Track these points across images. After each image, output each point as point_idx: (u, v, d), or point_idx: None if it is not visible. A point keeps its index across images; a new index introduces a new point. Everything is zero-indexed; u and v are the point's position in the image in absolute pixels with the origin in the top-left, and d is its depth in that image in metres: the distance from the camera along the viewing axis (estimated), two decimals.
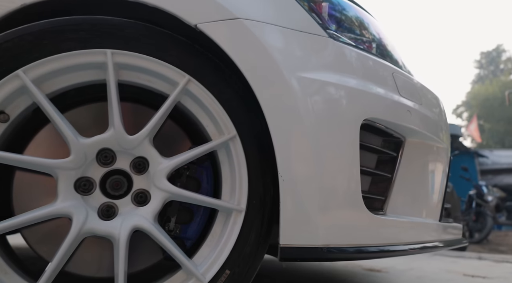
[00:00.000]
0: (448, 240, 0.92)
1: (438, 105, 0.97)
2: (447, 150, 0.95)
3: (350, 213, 0.67)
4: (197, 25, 0.69)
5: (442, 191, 0.92)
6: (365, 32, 0.87)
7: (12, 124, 0.64)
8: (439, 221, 0.89)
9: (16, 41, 0.63)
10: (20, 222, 0.60)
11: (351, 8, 0.89)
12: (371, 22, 0.92)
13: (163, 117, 0.70)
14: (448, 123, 1.04)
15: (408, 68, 0.97)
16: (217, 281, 0.66)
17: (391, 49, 0.93)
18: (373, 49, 0.85)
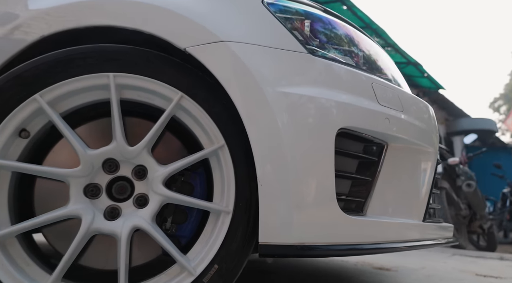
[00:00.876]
0: (434, 238, 0.96)
1: (424, 112, 1.02)
2: (433, 153, 0.99)
3: (323, 214, 0.74)
4: (186, 49, 0.78)
5: (427, 193, 0.96)
6: (347, 46, 0.93)
7: (32, 139, 0.76)
8: (423, 221, 0.94)
9: (34, 70, 0.74)
10: (40, 222, 0.72)
11: (334, 23, 0.95)
12: (355, 35, 0.98)
13: (159, 130, 0.80)
14: (437, 129, 1.08)
15: (394, 77, 1.02)
16: (206, 274, 0.75)
17: (374, 60, 0.99)
18: (354, 62, 0.91)
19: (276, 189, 0.72)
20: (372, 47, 1.03)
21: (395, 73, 1.07)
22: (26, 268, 0.71)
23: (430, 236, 0.95)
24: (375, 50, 1.04)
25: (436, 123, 1.10)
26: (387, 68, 1.03)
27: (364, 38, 1.03)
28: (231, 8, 0.86)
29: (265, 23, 0.85)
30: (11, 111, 0.72)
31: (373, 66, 0.97)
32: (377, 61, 1.00)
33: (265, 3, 0.88)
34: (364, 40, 1.01)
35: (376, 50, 1.05)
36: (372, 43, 1.06)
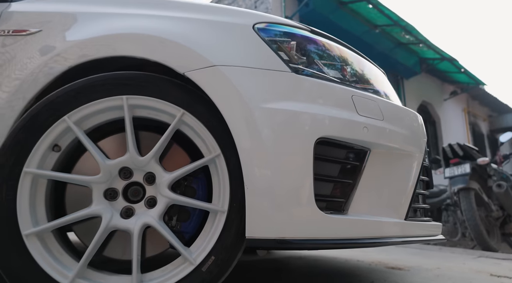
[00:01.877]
0: (417, 235, 1.04)
1: (409, 119, 1.09)
2: (417, 157, 1.07)
3: (301, 213, 0.85)
4: (184, 73, 0.92)
5: (410, 194, 1.04)
6: (330, 63, 1.04)
7: (63, 152, 0.94)
8: (405, 220, 1.02)
9: (63, 96, 0.92)
10: (69, 219, 0.89)
11: (319, 43, 1.06)
12: (339, 52, 1.08)
13: (165, 142, 0.95)
14: (424, 134, 1.15)
15: (379, 89, 1.11)
16: (205, 264, 0.89)
17: (357, 74, 1.08)
18: (336, 77, 1.01)
19: (259, 192, 0.84)
20: (356, 62, 1.12)
21: (381, 85, 1.16)
22: (59, 256, 0.88)
23: (413, 233, 1.03)
24: (360, 64, 1.13)
25: (424, 129, 1.17)
26: (372, 80, 1.11)
27: (350, 54, 1.12)
28: (225, 34, 0.99)
29: (254, 47, 0.97)
30: (46, 130, 0.90)
31: (356, 79, 1.06)
32: (360, 74, 1.09)
33: (255, 28, 1.00)
34: (349, 56, 1.11)
35: (361, 64, 1.14)
36: (358, 58, 1.15)
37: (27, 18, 1.13)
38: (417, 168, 1.07)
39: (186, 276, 0.88)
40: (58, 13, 1.12)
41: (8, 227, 0.84)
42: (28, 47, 1.08)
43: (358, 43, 6.51)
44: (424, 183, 1.23)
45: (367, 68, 1.16)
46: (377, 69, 1.24)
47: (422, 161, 1.11)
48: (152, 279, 0.89)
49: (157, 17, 1.04)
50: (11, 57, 1.07)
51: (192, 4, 1.11)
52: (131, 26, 1.01)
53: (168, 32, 0.97)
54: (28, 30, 1.11)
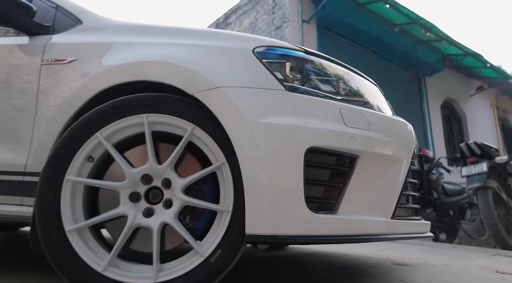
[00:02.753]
0: (403, 233, 1.16)
1: (396, 128, 1.21)
2: (403, 162, 1.19)
3: (293, 213, 0.99)
4: (193, 94, 1.09)
5: (396, 196, 1.16)
6: (321, 80, 1.17)
7: (96, 163, 1.13)
8: (391, 218, 1.14)
9: (96, 116, 1.11)
10: (102, 218, 1.08)
11: (311, 62, 1.20)
12: (330, 70, 1.22)
13: (179, 152, 1.12)
14: (412, 141, 1.26)
15: (369, 101, 1.23)
16: (213, 256, 1.05)
17: (347, 89, 1.21)
18: (327, 92, 1.15)
19: (257, 194, 0.99)
20: (347, 77, 1.25)
21: (371, 97, 1.28)
22: (94, 248, 1.07)
23: (399, 231, 1.15)
24: (350, 79, 1.26)
25: (413, 136, 1.28)
26: (361, 94, 1.24)
27: (340, 71, 1.25)
28: (229, 58, 1.15)
29: (253, 68, 1.12)
30: (82, 145, 1.09)
31: (345, 94, 1.19)
32: (350, 89, 1.22)
33: (255, 52, 1.16)
34: (340, 72, 1.24)
35: (352, 79, 1.27)
36: (349, 74, 1.28)
37: (65, 48, 1.34)
38: (404, 171, 1.19)
39: (197, 266, 1.04)
40: (90, 44, 1.32)
41: (55, 224, 1.04)
42: (67, 73, 1.29)
43: (377, 43, 6.52)
44: (415, 185, 1.34)
45: (357, 82, 1.28)
46: (369, 83, 1.36)
47: (410, 165, 1.22)
48: (169, 268, 1.06)
49: (171, 45, 1.22)
50: (55, 82, 1.29)
51: (202, 31, 1.28)
52: (150, 54, 1.19)
53: (181, 59, 1.14)
54: (66, 59, 1.32)
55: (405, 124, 1.27)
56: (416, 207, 1.30)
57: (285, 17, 5.53)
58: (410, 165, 1.23)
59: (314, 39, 5.74)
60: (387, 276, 1.64)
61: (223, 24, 7.22)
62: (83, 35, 1.38)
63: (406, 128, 1.27)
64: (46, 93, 1.30)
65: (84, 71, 1.25)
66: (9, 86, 1.37)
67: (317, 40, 5.77)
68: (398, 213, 1.19)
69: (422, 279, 1.59)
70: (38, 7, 1.54)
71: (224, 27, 7.16)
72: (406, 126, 1.28)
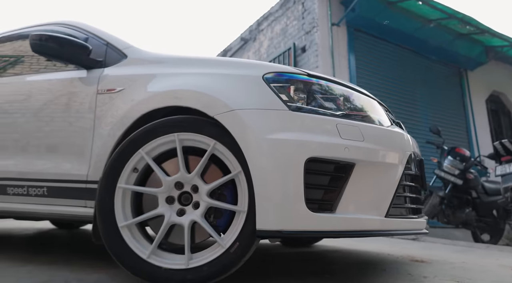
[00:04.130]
0: (396, 229, 1.33)
1: (388, 137, 1.38)
2: (397, 166, 1.36)
3: (295, 212, 1.20)
4: (214, 116, 1.34)
5: (390, 197, 1.33)
6: (321, 99, 1.37)
7: (140, 173, 1.42)
8: (385, 217, 1.31)
9: (139, 136, 1.40)
10: (145, 217, 1.36)
11: (312, 83, 1.40)
12: (329, 89, 1.41)
13: (204, 163, 1.37)
14: (407, 148, 1.42)
15: (365, 115, 1.41)
16: (232, 248, 1.29)
17: (345, 106, 1.40)
18: (325, 110, 1.35)
19: (264, 197, 1.22)
20: (345, 95, 1.44)
21: (368, 111, 1.46)
22: (140, 241, 1.36)
23: (393, 228, 1.32)
24: (348, 96, 1.45)
25: (409, 144, 1.44)
26: (358, 109, 1.43)
27: (338, 89, 1.44)
28: (242, 84, 1.39)
29: (262, 92, 1.35)
30: (129, 159, 1.39)
31: (342, 110, 1.38)
32: (346, 105, 1.41)
33: (264, 78, 1.39)
34: (338, 91, 1.43)
35: (349, 96, 1.45)
36: (347, 91, 1.47)
37: (114, 80, 1.66)
38: (398, 176, 1.36)
39: (219, 255, 1.29)
40: (133, 75, 1.62)
41: (110, 222, 1.34)
42: (117, 100, 1.60)
43: (411, 40, 6.44)
44: (413, 187, 1.50)
45: (356, 99, 1.47)
46: (367, 98, 1.54)
47: (404, 170, 1.39)
48: (197, 257, 1.32)
49: (196, 75, 1.48)
50: (108, 107, 1.61)
51: (222, 61, 1.54)
52: (179, 84, 1.46)
53: (204, 87, 1.40)
54: (116, 89, 1.64)
55: (399, 134, 1.44)
56: (413, 206, 1.45)
57: (314, 22, 5.67)
58: (404, 169, 1.40)
59: (345, 41, 5.82)
60: (397, 269, 1.79)
61: (255, 31, 7.49)
62: (128, 68, 1.69)
63: (400, 138, 1.43)
64: (102, 116, 1.63)
65: (130, 98, 1.56)
66: (72, 111, 1.72)
67: (347, 42, 5.85)
68: (394, 212, 1.36)
69: (429, 273, 1.72)
70: (93, 45, 1.88)
71: (257, 33, 7.43)
72: (400, 135, 1.44)
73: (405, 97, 6.48)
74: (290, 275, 1.59)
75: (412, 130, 6.34)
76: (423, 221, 1.43)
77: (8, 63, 2.37)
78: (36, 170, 1.75)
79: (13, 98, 1.96)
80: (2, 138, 1.91)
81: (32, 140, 1.81)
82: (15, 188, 1.81)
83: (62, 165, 1.69)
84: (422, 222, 1.43)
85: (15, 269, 1.58)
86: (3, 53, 2.46)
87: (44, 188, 1.72)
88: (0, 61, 2.45)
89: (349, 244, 3.00)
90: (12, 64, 2.34)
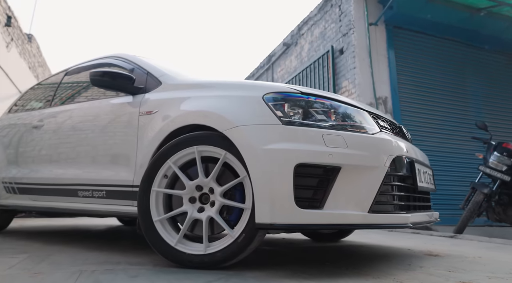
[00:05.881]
0: (379, 223, 1.53)
1: (370, 144, 1.59)
2: (379, 168, 1.56)
3: (285, 209, 1.47)
4: (222, 131, 1.66)
5: (373, 195, 1.53)
6: (311, 113, 1.62)
7: (169, 178, 1.79)
8: (368, 212, 1.52)
9: (168, 149, 1.77)
10: (173, 213, 1.73)
11: (303, 100, 1.65)
12: (319, 104, 1.66)
13: (218, 169, 1.70)
14: (391, 151, 1.61)
15: (349, 123, 1.63)
16: (240, 238, 1.59)
17: (332, 117, 1.63)
18: (315, 121, 1.59)
19: (261, 197, 1.51)
20: (333, 108, 1.67)
21: (354, 120, 1.67)
22: (169, 232, 1.72)
23: (375, 222, 1.52)
24: (336, 109, 1.67)
25: (391, 148, 1.63)
26: (344, 119, 1.65)
27: (327, 104, 1.68)
28: (245, 104, 1.69)
29: (261, 110, 1.64)
30: (160, 168, 1.77)
31: (329, 121, 1.62)
32: (334, 117, 1.64)
33: (264, 98, 1.68)
34: (327, 105, 1.67)
35: (337, 108, 1.68)
36: (335, 105, 1.69)
37: (152, 103, 2.06)
38: (380, 177, 1.56)
39: (230, 244, 1.61)
40: (165, 99, 2.01)
41: (147, 217, 1.73)
42: (154, 119, 2.00)
43: (458, 32, 6.20)
44: (401, 186, 1.68)
45: (342, 110, 1.69)
46: (354, 109, 1.74)
47: (389, 172, 1.58)
48: (213, 245, 1.64)
49: (212, 97, 1.82)
50: (148, 125, 2.01)
51: (233, 84, 1.85)
52: (197, 106, 1.81)
53: (215, 108, 1.73)
54: (153, 111, 2.04)
55: (382, 140, 1.62)
56: (400, 203, 1.63)
57: (350, 24, 5.74)
58: (391, 171, 1.59)
59: (383, 40, 5.80)
60: (403, 261, 1.95)
61: (296, 35, 7.70)
62: (161, 93, 2.09)
63: (383, 143, 1.62)
64: (143, 133, 2.04)
65: (161, 119, 1.94)
66: (122, 129, 2.16)
67: (386, 41, 5.82)
68: (378, 208, 1.57)
69: (431, 264, 1.86)
70: (136, 74, 2.32)
71: (298, 38, 7.63)
72: (383, 141, 1.63)
73: (452, 91, 6.24)
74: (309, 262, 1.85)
75: (460, 125, 6.10)
76: (406, 216, 1.61)
77: (82, 88, 2.94)
78: (97, 177, 2.22)
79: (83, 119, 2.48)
80: (76, 152, 2.44)
81: (94, 153, 2.30)
82: (83, 192, 2.31)
83: (116, 172, 2.14)
84: (405, 217, 1.60)
85: (85, 253, 2.05)
86: (77, 80, 3.05)
87: (104, 191, 2.18)
88: (76, 88, 3.04)
89: (381, 240, 3.13)
90: (85, 88, 2.91)
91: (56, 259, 1.88)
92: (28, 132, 3.04)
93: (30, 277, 1.43)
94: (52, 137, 2.72)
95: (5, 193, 3.10)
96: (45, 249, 2.26)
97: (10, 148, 3.20)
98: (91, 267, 1.64)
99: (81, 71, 3.03)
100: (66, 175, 2.49)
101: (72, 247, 2.37)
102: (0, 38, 6.95)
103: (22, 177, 2.90)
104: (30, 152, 2.93)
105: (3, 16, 7.05)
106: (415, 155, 1.90)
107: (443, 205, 5.03)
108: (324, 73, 6.36)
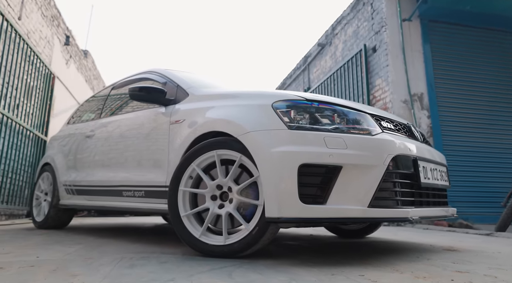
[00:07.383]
0: (378, 218, 1.65)
1: (369, 144, 1.72)
2: (378, 167, 1.68)
3: (291, 204, 1.65)
4: (237, 137, 1.89)
5: (372, 191, 1.67)
6: (314, 117, 1.79)
7: (194, 179, 2.05)
8: (368, 207, 1.66)
9: (192, 153, 2.03)
10: (197, 210, 1.98)
11: (307, 106, 1.82)
12: (322, 109, 1.82)
13: (235, 170, 1.92)
14: (389, 151, 1.73)
15: (350, 126, 1.77)
16: (254, 230, 1.80)
17: (334, 121, 1.78)
18: (318, 124, 1.76)
19: (270, 193, 1.71)
20: (336, 112, 1.82)
21: (355, 123, 1.81)
22: (195, 225, 1.98)
23: (374, 216, 1.65)
24: (337, 113, 1.82)
25: (389, 148, 1.74)
26: (345, 122, 1.79)
27: (330, 108, 1.83)
28: (257, 112, 1.90)
29: (270, 117, 1.84)
30: (186, 170, 2.03)
31: (333, 125, 1.77)
32: (336, 121, 1.79)
33: (273, 105, 1.88)
34: (329, 110, 1.82)
35: (339, 113, 1.83)
36: (337, 109, 1.84)
37: (180, 113, 2.34)
38: (379, 174, 1.69)
39: (245, 236, 1.82)
40: (191, 109, 2.28)
41: (176, 213, 2.00)
42: (182, 127, 2.28)
43: (501, 21, 5.90)
44: (403, 183, 1.78)
45: (344, 114, 1.83)
46: (356, 112, 1.88)
47: (386, 170, 1.70)
48: (232, 237, 1.87)
49: (228, 106, 2.05)
50: (177, 132, 2.30)
51: (247, 93, 2.07)
52: (216, 114, 2.05)
53: (231, 116, 1.96)
54: (180, 120, 2.32)
55: (381, 140, 1.75)
56: (400, 198, 1.74)
57: (382, 21, 5.70)
58: (391, 169, 1.71)
59: (418, 35, 5.69)
60: (413, 254, 2.03)
61: (331, 35, 7.73)
62: (188, 104, 2.36)
63: (383, 143, 1.74)
64: (173, 139, 2.33)
65: (187, 127, 2.21)
66: (158, 136, 2.47)
67: (421, 36, 5.69)
68: (379, 203, 1.69)
69: (441, 258, 1.93)
70: (168, 88, 2.63)
71: (332, 37, 7.66)
72: (383, 141, 1.75)
73: (495, 83, 5.93)
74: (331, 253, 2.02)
75: (503, 119, 5.79)
76: (405, 210, 1.71)
77: (125, 101, 3.33)
78: (137, 179, 2.55)
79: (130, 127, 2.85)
80: (124, 157, 2.81)
81: (139, 157, 2.64)
82: (127, 192, 2.66)
83: (154, 174, 2.45)
84: (404, 211, 1.71)
85: (128, 245, 2.38)
86: (122, 93, 3.45)
87: (143, 191, 2.51)
88: (121, 100, 3.44)
89: (408, 237, 3.17)
90: (126, 101, 3.29)
91: (104, 249, 2.22)
92: (83, 141, 3.50)
93: (82, 261, 1.76)
94: (104, 145, 3.13)
95: (66, 194, 3.59)
96: (97, 241, 2.64)
97: (69, 155, 3.69)
98: (131, 255, 1.94)
99: (124, 86, 3.43)
100: (115, 177, 2.86)
101: (119, 240, 2.73)
102: (60, 56, 7.78)
103: (80, 180, 3.36)
104: (86, 158, 3.37)
105: (62, 37, 7.88)
106: (422, 153, 1.99)
107: (484, 202, 4.83)
108: (357, 72, 6.35)
